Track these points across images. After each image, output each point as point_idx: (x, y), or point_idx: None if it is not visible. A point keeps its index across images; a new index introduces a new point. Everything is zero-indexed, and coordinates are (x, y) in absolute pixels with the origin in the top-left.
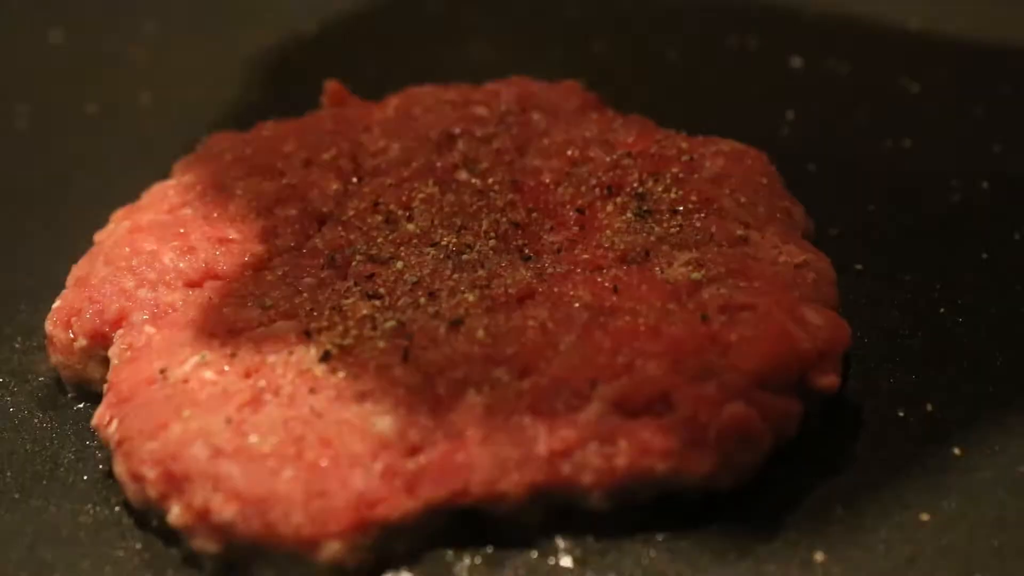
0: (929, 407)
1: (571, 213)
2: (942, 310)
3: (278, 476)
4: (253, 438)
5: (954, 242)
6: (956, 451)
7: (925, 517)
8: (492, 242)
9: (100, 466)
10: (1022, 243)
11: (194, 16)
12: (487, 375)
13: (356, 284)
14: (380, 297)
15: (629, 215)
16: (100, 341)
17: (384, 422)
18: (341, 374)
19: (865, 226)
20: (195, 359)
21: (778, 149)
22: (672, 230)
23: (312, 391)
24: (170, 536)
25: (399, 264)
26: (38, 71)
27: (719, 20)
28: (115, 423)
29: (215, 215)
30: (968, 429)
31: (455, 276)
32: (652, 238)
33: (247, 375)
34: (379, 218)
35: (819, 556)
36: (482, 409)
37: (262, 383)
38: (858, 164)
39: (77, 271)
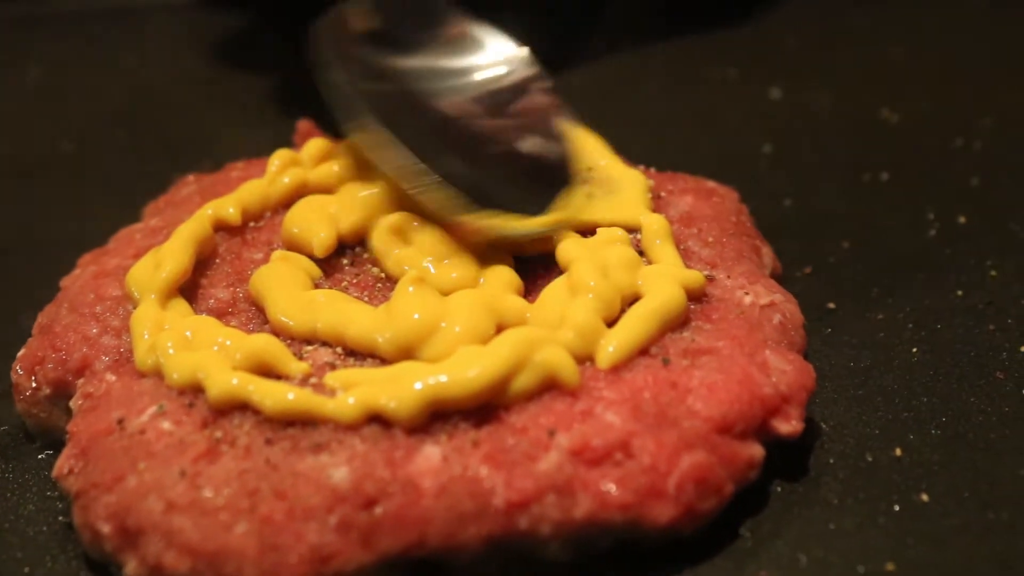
0: (898, 451)
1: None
2: (914, 350)
3: (231, 530)
4: (207, 491)
5: (929, 279)
6: (924, 497)
7: (891, 567)
8: None
9: (60, 517)
10: (999, 280)
11: (173, 51)
12: (444, 425)
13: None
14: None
15: None
16: (64, 389)
17: (340, 474)
18: (297, 425)
19: (838, 263)
20: (153, 409)
21: (755, 184)
22: None
23: (268, 442)
24: None
25: None
26: (14, 108)
27: (699, 51)
28: (74, 474)
29: None
30: (937, 474)
31: None
32: None
33: (204, 425)
34: (345, 261)
35: None
36: (439, 460)
37: (219, 434)
38: (835, 199)
39: (42, 318)
